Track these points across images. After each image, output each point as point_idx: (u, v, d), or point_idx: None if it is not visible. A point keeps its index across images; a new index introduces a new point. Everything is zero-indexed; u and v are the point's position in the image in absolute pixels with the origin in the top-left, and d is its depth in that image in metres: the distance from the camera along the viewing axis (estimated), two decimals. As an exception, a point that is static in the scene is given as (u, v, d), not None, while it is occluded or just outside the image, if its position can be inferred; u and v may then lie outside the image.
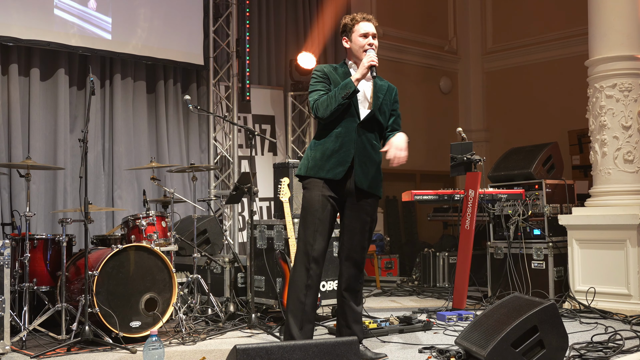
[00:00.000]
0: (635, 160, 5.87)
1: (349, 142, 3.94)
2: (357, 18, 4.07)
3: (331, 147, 3.95)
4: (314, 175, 3.96)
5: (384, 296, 7.24)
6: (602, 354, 4.08)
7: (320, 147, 3.97)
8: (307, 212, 3.94)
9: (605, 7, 5.99)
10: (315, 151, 3.99)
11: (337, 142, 3.94)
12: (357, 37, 4.03)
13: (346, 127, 3.95)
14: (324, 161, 3.95)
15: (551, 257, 6.11)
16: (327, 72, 4.04)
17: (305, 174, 4.01)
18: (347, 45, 4.10)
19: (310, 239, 3.89)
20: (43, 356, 4.27)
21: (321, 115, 3.89)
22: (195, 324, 5.25)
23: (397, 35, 10.28)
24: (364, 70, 3.89)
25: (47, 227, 6.30)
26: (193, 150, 7.52)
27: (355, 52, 4.05)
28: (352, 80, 3.87)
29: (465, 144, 5.90)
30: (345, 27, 4.10)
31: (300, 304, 3.87)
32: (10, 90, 6.19)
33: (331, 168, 3.94)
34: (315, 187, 3.95)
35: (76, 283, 4.88)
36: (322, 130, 4.01)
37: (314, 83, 4.03)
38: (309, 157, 4.02)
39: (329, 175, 3.94)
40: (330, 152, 3.94)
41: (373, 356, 4.05)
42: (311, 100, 3.98)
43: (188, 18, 7.35)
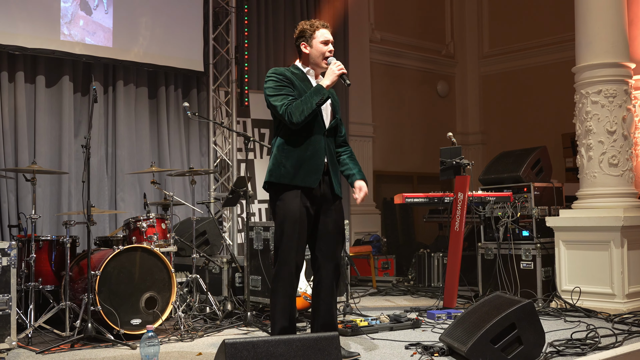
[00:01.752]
0: (619, 164, 6.05)
1: (320, 149, 3.98)
2: (317, 24, 4.08)
3: (303, 155, 3.94)
4: (289, 183, 3.92)
5: (379, 295, 7.44)
6: (579, 350, 4.27)
7: (292, 154, 3.94)
8: (288, 223, 3.90)
9: (592, 16, 6.17)
10: (286, 158, 3.94)
11: (308, 149, 3.95)
12: (318, 43, 4.05)
13: (315, 135, 3.97)
14: (296, 169, 3.92)
15: (539, 258, 6.31)
16: (290, 77, 4.01)
17: (278, 181, 3.94)
18: (306, 51, 4.07)
19: (292, 251, 3.88)
20: (48, 352, 4.47)
21: (295, 121, 3.84)
22: (193, 321, 5.46)
23: (395, 40, 10.48)
24: (334, 78, 3.95)
25: (52, 229, 6.53)
26: (193, 154, 7.74)
27: (315, 59, 4.06)
28: (323, 86, 3.92)
29: (455, 148, 6.10)
30: (304, 33, 4.07)
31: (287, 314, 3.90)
32: (17, 97, 6.43)
33: (305, 176, 3.92)
34: (292, 197, 3.91)
35: (79, 282, 5.10)
36: (288, 137, 3.97)
37: (277, 87, 3.96)
38: (280, 164, 3.95)
39: (305, 183, 3.92)
40: (303, 160, 3.93)
41: (347, 355, 4.10)
42: (278, 105, 3.89)
43: (188, 26, 7.58)
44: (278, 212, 3.96)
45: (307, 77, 4.10)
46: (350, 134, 9.32)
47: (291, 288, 3.92)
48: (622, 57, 6.15)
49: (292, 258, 3.90)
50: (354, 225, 9.16)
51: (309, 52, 4.08)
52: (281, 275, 3.92)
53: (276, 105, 3.91)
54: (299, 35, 4.11)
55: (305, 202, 3.94)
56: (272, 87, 3.98)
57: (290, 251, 3.90)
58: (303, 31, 4.09)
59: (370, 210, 9.72)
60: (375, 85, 10.06)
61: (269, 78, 4.02)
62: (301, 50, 4.11)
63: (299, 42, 4.12)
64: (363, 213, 9.55)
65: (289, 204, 3.91)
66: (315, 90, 3.92)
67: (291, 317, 3.93)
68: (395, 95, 10.51)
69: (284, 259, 3.91)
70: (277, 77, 4.00)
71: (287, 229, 3.91)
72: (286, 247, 3.90)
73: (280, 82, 3.97)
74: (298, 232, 3.90)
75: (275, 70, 4.06)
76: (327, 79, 3.97)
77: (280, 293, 3.91)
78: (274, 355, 2.92)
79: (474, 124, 11.37)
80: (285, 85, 3.97)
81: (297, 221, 3.90)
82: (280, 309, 3.91)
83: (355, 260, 8.23)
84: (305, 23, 4.14)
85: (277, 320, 3.92)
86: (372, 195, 9.81)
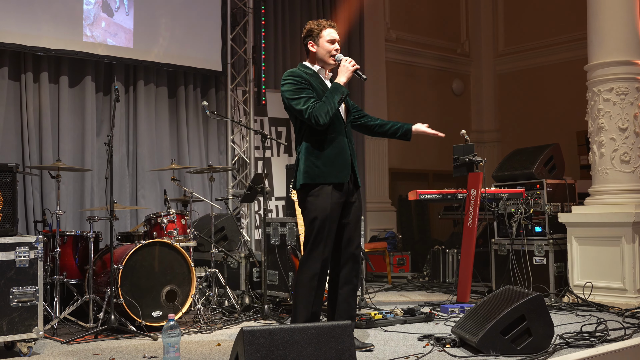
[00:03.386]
0: (631, 161, 6.13)
1: (345, 145, 4.12)
2: (324, 24, 4.19)
3: (333, 152, 4.05)
4: (323, 182, 4.02)
5: (394, 291, 7.55)
6: (587, 342, 4.35)
7: (322, 154, 4.04)
8: (321, 219, 3.99)
9: (604, 14, 6.25)
10: (315, 158, 4.04)
11: (335, 147, 4.06)
12: (325, 42, 4.14)
13: (338, 132, 4.10)
14: (330, 167, 4.03)
15: (552, 254, 6.39)
16: (307, 78, 4.08)
17: (315, 181, 4.03)
18: (313, 50, 4.17)
19: (323, 245, 3.99)
20: (73, 342, 4.64)
21: (322, 122, 3.94)
22: (212, 314, 5.61)
23: (410, 39, 10.57)
24: (349, 74, 4.08)
25: (76, 225, 6.72)
26: (212, 152, 7.90)
27: (322, 57, 4.16)
28: (340, 84, 4.04)
29: (468, 145, 6.20)
30: (311, 32, 4.17)
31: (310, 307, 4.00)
32: (41, 97, 6.62)
33: (338, 172, 4.05)
34: (326, 193, 4.01)
35: (102, 276, 5.26)
36: (312, 136, 4.07)
37: (297, 90, 4.03)
38: (313, 165, 4.04)
39: (339, 179, 4.04)
40: (333, 156, 4.04)
41: (360, 345, 4.21)
42: (303, 108, 3.96)
43: (207, 27, 7.74)
44: (310, 208, 4.04)
45: (319, 76, 4.19)
46: (366, 132, 9.42)
47: (319, 282, 4.02)
48: (634, 55, 6.22)
49: (324, 253, 4.01)
50: (369, 221, 9.28)
51: (316, 51, 4.17)
52: (311, 268, 4.01)
53: (300, 109, 3.98)
54: (306, 35, 4.21)
55: (336, 197, 4.05)
56: (292, 91, 4.04)
57: (324, 246, 4.00)
58: (310, 30, 4.19)
59: (385, 207, 9.84)
60: (391, 84, 10.17)
61: (287, 81, 4.08)
62: (309, 49, 4.21)
63: (306, 41, 4.21)
64: (379, 210, 9.67)
65: (322, 201, 4.01)
66: (334, 89, 4.04)
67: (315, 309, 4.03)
68: (410, 94, 10.60)
69: (318, 254, 4.01)
70: (295, 79, 4.06)
71: (321, 224, 4.00)
72: (321, 241, 4.00)
73: (300, 85, 4.04)
74: (329, 227, 4.02)
75: (292, 72, 4.12)
76: (343, 75, 4.09)
77: (308, 286, 4.00)
78: (289, 342, 3.05)
79: (489, 122, 11.44)
80: (304, 87, 4.04)
81: (328, 217, 4.01)
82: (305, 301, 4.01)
83: (371, 256, 8.36)
84: (312, 23, 4.24)
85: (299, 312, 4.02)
86: (388, 192, 9.93)
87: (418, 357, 4.05)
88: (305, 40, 4.22)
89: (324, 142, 4.06)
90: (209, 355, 4.25)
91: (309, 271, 4.02)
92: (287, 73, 4.14)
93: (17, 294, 4.21)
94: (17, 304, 4.20)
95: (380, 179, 9.82)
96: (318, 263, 4.01)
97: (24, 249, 4.25)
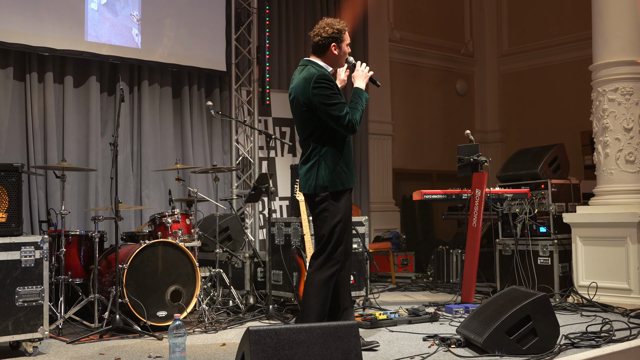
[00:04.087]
0: (636, 161, 6.12)
1: (351, 148, 4.19)
2: (345, 27, 4.14)
3: (348, 157, 4.11)
4: (349, 187, 4.08)
5: (398, 291, 7.56)
6: (593, 342, 4.36)
7: (344, 159, 4.07)
8: (345, 220, 4.05)
9: (608, 14, 6.25)
10: (342, 163, 4.06)
11: (351, 150, 4.15)
12: (345, 45, 4.15)
13: (347, 137, 4.13)
14: (349, 172, 4.09)
15: (556, 254, 6.38)
16: (335, 82, 4.10)
17: (343, 188, 4.05)
18: (335, 53, 4.11)
19: (344, 245, 4.05)
20: (78, 342, 4.65)
21: (357, 129, 4.01)
22: (217, 314, 5.62)
23: (414, 39, 10.58)
24: (367, 80, 4.12)
25: (81, 224, 6.73)
26: (216, 152, 7.90)
27: (340, 60, 4.16)
28: (364, 90, 4.10)
29: (472, 145, 6.20)
30: (337, 34, 4.09)
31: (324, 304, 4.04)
32: (46, 97, 6.63)
33: (354, 176, 4.15)
34: (347, 199, 4.08)
35: (107, 276, 5.27)
36: (338, 141, 4.06)
37: (333, 95, 3.98)
38: (340, 170, 4.04)
39: (355, 182, 4.16)
40: (351, 161, 4.13)
41: (366, 344, 4.23)
42: (342, 115, 3.94)
43: (211, 27, 7.75)
44: (336, 211, 4.03)
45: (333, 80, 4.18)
46: (370, 132, 9.44)
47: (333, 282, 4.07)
48: (638, 55, 6.21)
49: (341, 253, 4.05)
50: (373, 222, 9.28)
51: (337, 54, 4.13)
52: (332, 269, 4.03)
53: (339, 115, 3.94)
54: (330, 36, 4.09)
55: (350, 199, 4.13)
56: (328, 95, 3.97)
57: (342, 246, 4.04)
58: (336, 32, 4.09)
59: (389, 208, 9.84)
60: (395, 84, 10.17)
61: (321, 84, 3.97)
62: (329, 51, 4.11)
63: (328, 42, 4.10)
64: (382, 210, 9.67)
65: (346, 204, 4.06)
66: (360, 95, 4.09)
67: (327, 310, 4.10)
68: (414, 94, 10.60)
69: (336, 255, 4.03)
70: (329, 84, 4.00)
71: (343, 227, 4.04)
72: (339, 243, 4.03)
73: (334, 90, 4.00)
74: (350, 229, 4.12)
75: (325, 75, 4.02)
76: (361, 81, 4.13)
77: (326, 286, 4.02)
78: (295, 342, 3.06)
79: (493, 122, 11.43)
80: (338, 93, 4.03)
81: (350, 219, 4.11)
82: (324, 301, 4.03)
83: (375, 256, 8.34)
84: (337, 23, 4.13)
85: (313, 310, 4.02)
86: (392, 192, 9.93)
87: (423, 357, 4.06)
88: (326, 41, 4.09)
89: (347, 147, 4.11)
90: (214, 355, 4.25)
91: (327, 272, 4.03)
92: (319, 76, 4.00)
93: (23, 293, 4.22)
94: (22, 304, 4.21)
95: (384, 179, 9.83)
96: (337, 265, 4.05)
97: (29, 249, 4.26)
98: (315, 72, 4.03)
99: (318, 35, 4.13)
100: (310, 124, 4.07)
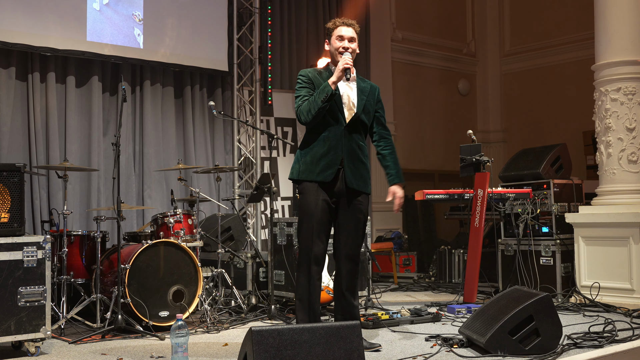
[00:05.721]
0: (638, 161, 6.11)
1: (337, 145, 4.10)
2: (338, 22, 4.22)
3: (320, 151, 4.10)
4: (306, 179, 4.11)
5: (400, 291, 7.55)
6: (596, 342, 4.35)
7: (310, 152, 4.12)
8: (305, 216, 4.10)
9: (611, 14, 6.23)
10: (305, 156, 4.14)
11: (325, 145, 4.10)
12: (334, 39, 4.18)
13: (333, 131, 4.10)
14: (314, 165, 4.09)
15: (559, 254, 6.37)
16: (312, 77, 4.16)
17: (297, 177, 4.16)
18: (327, 48, 4.27)
19: (309, 242, 4.06)
20: (80, 342, 4.64)
21: (304, 120, 4.06)
22: (219, 314, 5.61)
23: (416, 39, 10.57)
24: (339, 73, 4.03)
25: (83, 224, 6.73)
26: (218, 152, 7.91)
27: (333, 55, 4.20)
28: (328, 83, 4.01)
29: (474, 145, 6.19)
30: (328, 31, 4.24)
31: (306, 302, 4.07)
32: (48, 97, 6.64)
33: (321, 171, 4.09)
34: (310, 191, 4.09)
35: (109, 276, 5.27)
36: (309, 134, 4.18)
37: (298, 88, 4.17)
38: (299, 161, 4.16)
39: (319, 177, 4.08)
40: (320, 155, 4.09)
41: (368, 346, 4.21)
42: (295, 106, 4.14)
43: (213, 27, 7.75)
44: (299, 205, 4.17)
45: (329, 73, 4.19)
46: (372, 133, 9.42)
47: (309, 277, 4.07)
48: (641, 55, 6.21)
49: (309, 249, 4.07)
50: (375, 222, 9.27)
51: (329, 49, 4.26)
52: (299, 267, 4.14)
53: (295, 107, 4.15)
54: (325, 34, 4.30)
55: (324, 196, 4.11)
56: (296, 90, 4.21)
57: (307, 242, 4.08)
58: (327, 29, 4.26)
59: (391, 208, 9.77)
60: (397, 84, 10.16)
61: (297, 80, 4.23)
62: (326, 48, 4.30)
63: (325, 40, 4.31)
64: (385, 210, 9.65)
65: (307, 198, 4.11)
66: (321, 89, 4.03)
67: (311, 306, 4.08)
68: (416, 94, 10.59)
69: (301, 250, 4.13)
70: (300, 78, 4.20)
71: (305, 221, 4.11)
72: (304, 238, 4.11)
73: (301, 84, 4.17)
74: (314, 223, 4.08)
75: (301, 71, 4.25)
76: (334, 75, 4.07)
77: (300, 282, 4.11)
78: (298, 342, 3.05)
79: (495, 122, 11.42)
80: (304, 86, 4.15)
81: (313, 214, 4.08)
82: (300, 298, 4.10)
83: (377, 256, 8.36)
84: (330, 21, 4.30)
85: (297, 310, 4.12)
86: (394, 192, 9.90)
87: (426, 357, 4.05)
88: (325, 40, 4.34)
89: (314, 140, 4.14)
90: (217, 355, 4.25)
91: (301, 267, 4.11)
92: (299, 73, 4.26)
93: (25, 293, 4.21)
94: (24, 304, 4.20)
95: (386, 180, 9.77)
96: (305, 261, 4.08)
97: (31, 249, 4.25)
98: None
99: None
100: None
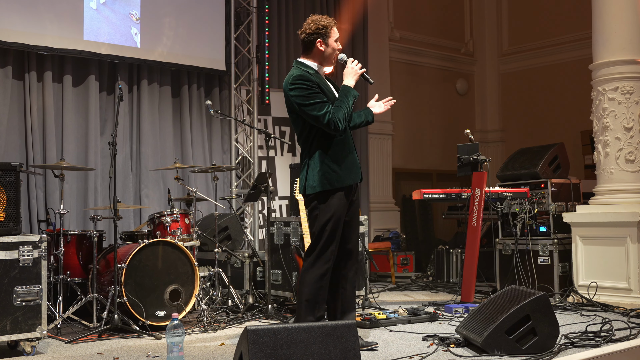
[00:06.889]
0: (636, 161, 6.10)
1: (351, 145, 4.12)
2: (332, 22, 4.09)
3: (344, 154, 4.04)
4: (341, 186, 4.00)
5: (398, 291, 7.54)
6: (593, 342, 4.34)
7: (336, 158, 4.01)
8: (335, 220, 4.00)
9: (608, 14, 6.23)
10: (331, 163, 4.00)
11: (346, 148, 4.05)
12: (333, 41, 4.08)
13: (345, 133, 4.07)
14: (344, 170, 4.02)
15: (556, 253, 6.36)
16: (316, 81, 3.99)
17: (332, 187, 3.99)
18: (322, 49, 4.06)
19: (334, 245, 4.01)
20: (76, 341, 4.64)
21: (341, 128, 3.92)
22: (216, 314, 5.61)
23: (414, 39, 10.56)
24: (357, 77, 4.04)
25: (79, 224, 6.71)
26: (215, 152, 7.89)
27: (328, 57, 4.08)
28: (353, 88, 4.02)
29: (472, 145, 6.19)
30: (321, 30, 4.03)
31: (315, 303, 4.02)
32: (45, 96, 6.62)
33: (352, 173, 4.08)
34: (340, 196, 4.01)
35: (106, 275, 5.26)
36: (325, 140, 4.01)
37: (309, 95, 3.92)
38: (328, 169, 3.99)
39: (355, 180, 4.09)
40: (346, 159, 4.04)
41: (365, 345, 4.21)
42: (320, 114, 3.89)
43: (211, 26, 7.74)
44: (325, 210, 4.00)
45: (319, 74, 4.11)
46: (370, 132, 9.42)
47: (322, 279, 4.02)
48: (638, 54, 6.18)
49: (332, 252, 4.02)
50: (373, 221, 9.27)
51: (324, 50, 4.08)
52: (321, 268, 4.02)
53: (317, 115, 3.91)
54: (315, 32, 4.05)
55: (345, 199, 4.06)
56: (304, 96, 3.94)
57: (332, 246, 4.01)
58: (321, 28, 4.05)
59: (389, 207, 9.82)
60: (395, 84, 10.15)
61: (297, 86, 3.95)
62: (315, 47, 4.08)
63: (313, 38, 4.06)
64: (382, 210, 9.66)
65: (336, 204, 4.01)
66: (347, 92, 4.02)
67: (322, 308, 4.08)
68: (414, 94, 10.59)
69: (326, 254, 4.01)
70: (305, 84, 3.95)
71: (332, 226, 4.00)
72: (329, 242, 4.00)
73: (311, 89, 3.94)
74: (339, 228, 4.04)
75: (301, 76, 3.98)
76: (351, 78, 4.04)
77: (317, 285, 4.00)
78: (294, 342, 3.04)
79: (493, 122, 11.42)
80: (317, 92, 3.95)
81: (340, 219, 4.03)
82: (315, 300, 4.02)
83: (375, 256, 8.33)
84: (322, 19, 4.10)
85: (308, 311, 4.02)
86: (392, 192, 9.92)
87: (422, 356, 4.04)
88: (310, 37, 4.06)
89: (337, 145, 4.03)
90: (213, 354, 4.24)
91: (318, 270, 4.01)
92: (295, 77, 3.98)
93: (21, 293, 4.21)
94: (20, 303, 4.20)
95: (384, 179, 9.81)
96: (328, 263, 4.03)
97: (27, 248, 4.25)
98: (293, 73, 4.03)
99: (303, 33, 4.12)
100: (297, 126, 4.11)
